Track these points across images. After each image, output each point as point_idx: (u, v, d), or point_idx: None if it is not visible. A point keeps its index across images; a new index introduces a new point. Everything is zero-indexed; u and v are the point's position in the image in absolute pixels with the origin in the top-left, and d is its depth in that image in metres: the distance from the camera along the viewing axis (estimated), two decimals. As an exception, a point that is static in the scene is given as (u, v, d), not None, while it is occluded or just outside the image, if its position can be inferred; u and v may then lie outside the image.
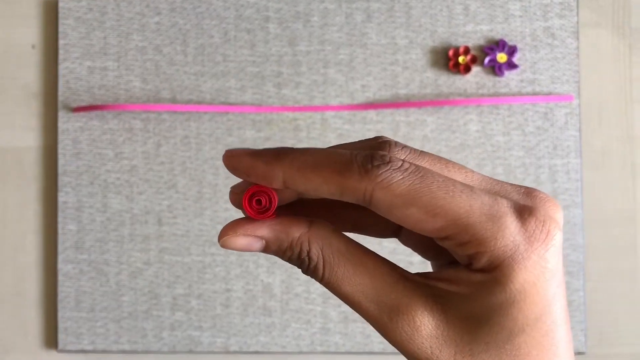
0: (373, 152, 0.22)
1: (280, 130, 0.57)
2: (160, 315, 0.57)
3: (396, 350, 0.24)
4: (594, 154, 0.57)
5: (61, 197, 0.57)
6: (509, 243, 0.21)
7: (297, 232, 0.24)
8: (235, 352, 0.57)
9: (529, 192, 0.23)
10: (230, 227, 0.24)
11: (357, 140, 0.25)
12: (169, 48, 0.58)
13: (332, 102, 0.57)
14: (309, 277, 0.24)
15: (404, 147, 0.23)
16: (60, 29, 0.58)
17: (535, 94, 0.56)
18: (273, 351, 0.56)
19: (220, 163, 0.57)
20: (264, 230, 0.24)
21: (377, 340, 0.55)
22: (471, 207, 0.21)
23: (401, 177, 0.21)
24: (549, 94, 0.56)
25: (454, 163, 0.24)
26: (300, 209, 0.26)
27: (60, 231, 0.57)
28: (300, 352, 0.56)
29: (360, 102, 0.57)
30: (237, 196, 0.25)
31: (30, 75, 0.59)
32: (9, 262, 0.58)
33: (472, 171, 0.24)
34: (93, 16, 0.58)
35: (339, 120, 0.57)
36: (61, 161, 0.57)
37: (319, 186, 0.22)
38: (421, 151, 0.24)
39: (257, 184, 0.24)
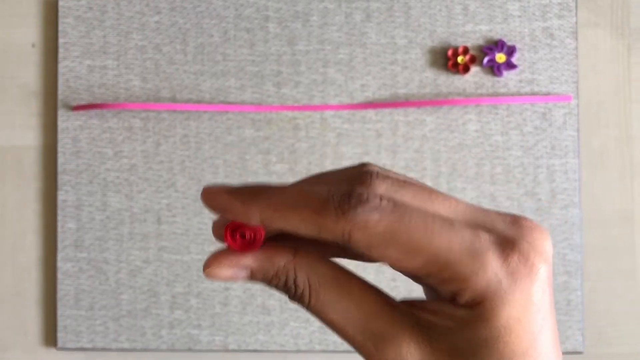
0: (351, 189, 0.22)
1: (279, 129, 0.57)
2: (159, 314, 0.57)
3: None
4: (593, 154, 0.57)
5: (61, 196, 0.57)
6: (491, 279, 0.21)
7: (282, 260, 0.23)
8: (234, 351, 0.57)
9: (515, 220, 0.23)
10: (215, 259, 0.24)
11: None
12: (168, 47, 0.58)
13: (332, 101, 0.57)
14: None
15: (387, 177, 0.23)
16: (60, 27, 0.58)
17: (533, 94, 0.56)
18: (272, 350, 0.56)
19: (219, 162, 0.57)
20: (249, 260, 0.24)
21: (376, 339, 0.56)
22: (450, 244, 0.21)
23: (379, 216, 0.21)
24: (548, 94, 0.56)
25: (437, 193, 0.23)
26: (282, 239, 0.25)
27: (59, 230, 0.57)
28: (299, 351, 0.56)
29: (360, 102, 0.57)
30: (219, 230, 0.24)
31: (30, 74, 0.59)
32: (8, 260, 0.58)
33: (457, 201, 0.23)
34: (93, 15, 0.58)
35: (338, 120, 0.57)
36: (61, 160, 0.57)
37: (297, 226, 0.22)
38: (404, 180, 0.23)
39: None
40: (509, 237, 0.22)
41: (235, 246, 0.24)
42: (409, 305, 0.23)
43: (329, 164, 0.57)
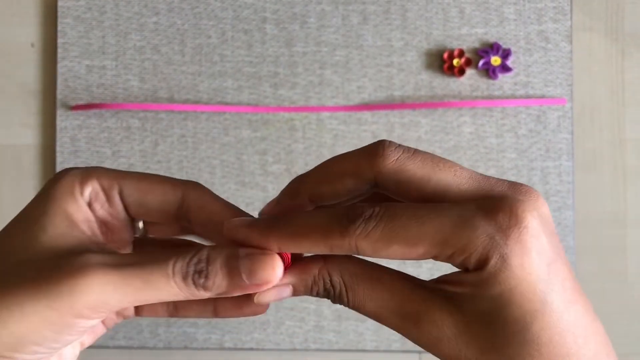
0: (348, 209, 0.24)
1: (276, 130, 0.58)
2: (156, 312, 0.57)
3: (387, 349, 0.25)
4: (586, 156, 0.57)
5: (59, 195, 0.58)
6: (484, 240, 0.23)
7: (315, 267, 0.26)
8: (229, 349, 0.57)
9: (511, 185, 0.25)
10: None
11: (356, 147, 0.26)
12: (166, 48, 0.58)
13: (328, 102, 0.58)
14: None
15: (398, 147, 0.25)
16: (59, 27, 0.58)
17: (528, 96, 0.57)
18: (267, 348, 0.57)
19: (217, 162, 0.57)
20: (288, 277, 0.26)
21: (370, 339, 0.56)
22: (441, 224, 0.23)
23: (374, 224, 0.24)
24: (542, 97, 0.57)
25: (445, 161, 0.25)
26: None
27: (57, 228, 0.58)
28: (294, 350, 0.57)
29: (356, 103, 0.57)
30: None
31: (29, 73, 0.59)
32: (6, 258, 0.59)
33: (462, 168, 0.25)
34: (92, 15, 0.58)
35: (335, 121, 0.57)
36: (59, 159, 0.58)
37: (310, 249, 0.25)
38: (415, 150, 0.25)
39: None
40: (495, 198, 0.24)
41: None
42: (436, 282, 0.25)
43: (325, 165, 0.57)
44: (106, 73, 0.58)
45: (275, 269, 0.25)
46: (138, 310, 0.30)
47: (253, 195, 0.57)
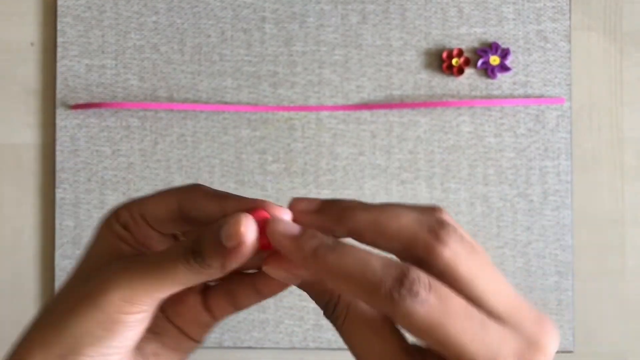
0: (403, 277, 0.23)
1: (275, 129, 0.58)
2: (156, 311, 0.58)
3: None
4: (584, 156, 0.57)
5: (59, 194, 0.58)
6: None
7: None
8: (229, 348, 0.58)
9: (539, 320, 0.24)
10: (274, 260, 0.26)
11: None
12: (166, 47, 0.58)
13: (327, 102, 0.58)
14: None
15: (460, 238, 0.24)
16: (59, 26, 0.58)
17: (527, 96, 0.57)
18: (266, 347, 0.57)
19: (216, 161, 0.58)
20: (303, 271, 0.26)
21: (369, 337, 0.56)
22: (478, 351, 0.23)
23: (423, 312, 0.23)
24: (541, 96, 0.57)
25: (493, 271, 0.25)
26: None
27: (57, 227, 0.58)
28: (293, 348, 0.57)
29: (355, 103, 0.58)
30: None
31: (28, 72, 0.59)
32: (6, 257, 0.59)
33: (505, 285, 0.25)
34: (91, 14, 0.59)
35: (334, 120, 0.57)
36: (59, 158, 0.58)
37: (346, 292, 0.25)
38: (473, 247, 0.24)
39: (257, 213, 0.26)
40: (528, 346, 0.24)
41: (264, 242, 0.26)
42: (422, 353, 0.25)
43: (324, 164, 0.57)
44: (106, 72, 0.58)
45: (245, 226, 0.25)
46: (214, 315, 0.30)
47: (252, 194, 0.57)
